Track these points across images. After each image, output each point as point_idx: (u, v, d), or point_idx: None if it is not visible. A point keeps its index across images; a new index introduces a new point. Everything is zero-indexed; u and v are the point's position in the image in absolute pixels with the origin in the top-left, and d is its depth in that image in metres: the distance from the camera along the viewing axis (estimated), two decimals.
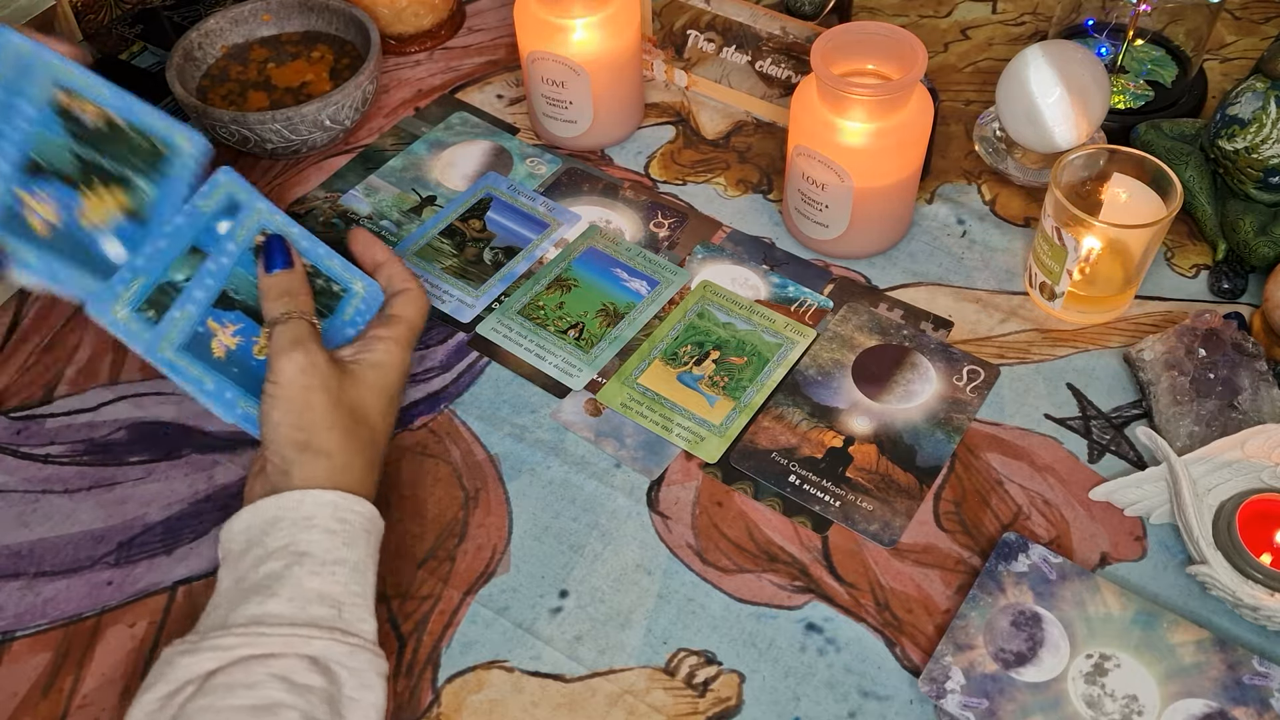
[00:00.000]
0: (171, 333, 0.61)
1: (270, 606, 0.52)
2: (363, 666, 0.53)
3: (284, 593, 0.53)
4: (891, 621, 0.61)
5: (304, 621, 0.52)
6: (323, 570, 0.54)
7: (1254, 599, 0.58)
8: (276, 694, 0.50)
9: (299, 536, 0.54)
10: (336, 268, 0.65)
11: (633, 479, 0.67)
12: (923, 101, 0.72)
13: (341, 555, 0.55)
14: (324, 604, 0.53)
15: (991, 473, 0.67)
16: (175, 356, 0.61)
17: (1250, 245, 0.74)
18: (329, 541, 0.55)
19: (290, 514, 0.55)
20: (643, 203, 0.83)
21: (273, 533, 0.55)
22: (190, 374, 0.61)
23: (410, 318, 0.64)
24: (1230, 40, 0.94)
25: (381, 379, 0.61)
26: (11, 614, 0.62)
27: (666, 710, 0.58)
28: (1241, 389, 0.66)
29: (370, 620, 0.55)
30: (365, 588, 0.55)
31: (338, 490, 0.56)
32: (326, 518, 0.55)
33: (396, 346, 0.62)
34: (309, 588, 0.53)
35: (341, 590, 0.54)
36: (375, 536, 0.57)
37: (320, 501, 0.55)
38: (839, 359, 0.72)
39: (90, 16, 0.94)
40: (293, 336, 0.59)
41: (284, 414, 0.57)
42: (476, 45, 0.97)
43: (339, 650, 0.52)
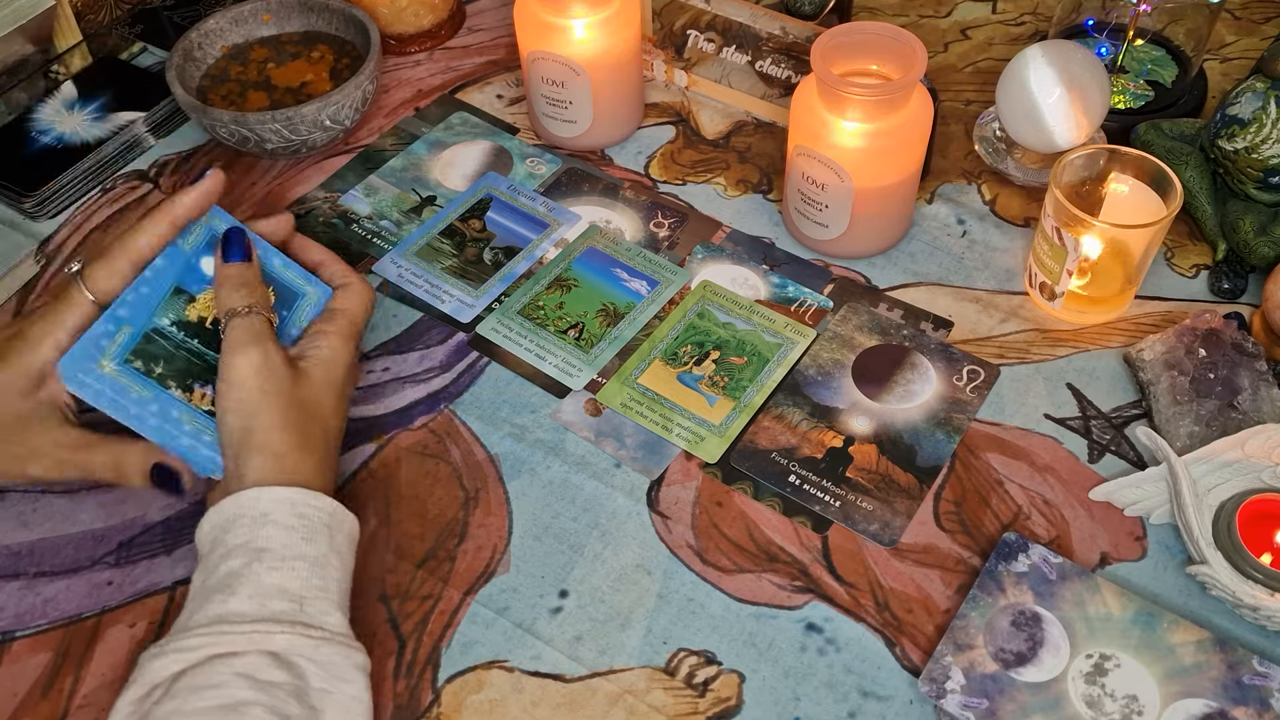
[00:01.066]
0: (110, 349, 0.60)
1: (231, 605, 0.52)
2: (331, 658, 0.53)
3: (244, 590, 0.53)
4: (891, 621, 0.61)
5: (265, 617, 0.52)
6: (282, 565, 0.54)
7: (1254, 599, 0.58)
8: (241, 692, 0.49)
9: (257, 533, 0.54)
10: (291, 276, 0.65)
11: (633, 479, 0.67)
12: (923, 101, 0.72)
13: (301, 550, 0.55)
14: (284, 599, 0.53)
15: (991, 473, 0.67)
16: (117, 373, 0.60)
17: (1250, 245, 0.74)
18: (287, 537, 0.55)
19: (248, 511, 0.55)
20: (643, 203, 0.83)
21: (232, 531, 0.55)
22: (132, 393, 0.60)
23: (351, 309, 0.64)
24: (1230, 40, 0.94)
25: (328, 374, 0.61)
26: (11, 614, 0.62)
27: (666, 710, 0.58)
28: (1241, 389, 0.66)
29: (335, 613, 0.55)
30: (328, 581, 0.55)
31: (293, 486, 0.56)
32: (284, 514, 0.55)
33: (339, 340, 0.62)
34: (268, 583, 0.53)
35: (302, 585, 0.54)
36: (339, 532, 0.57)
37: (276, 498, 0.55)
38: (839, 359, 0.72)
39: (90, 16, 0.94)
40: (250, 332, 0.59)
41: (237, 416, 0.58)
42: (476, 45, 0.97)
43: (302, 644, 0.52)
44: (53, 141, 0.86)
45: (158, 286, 0.61)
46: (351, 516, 0.59)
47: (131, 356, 0.60)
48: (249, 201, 0.84)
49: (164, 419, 0.61)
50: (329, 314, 0.64)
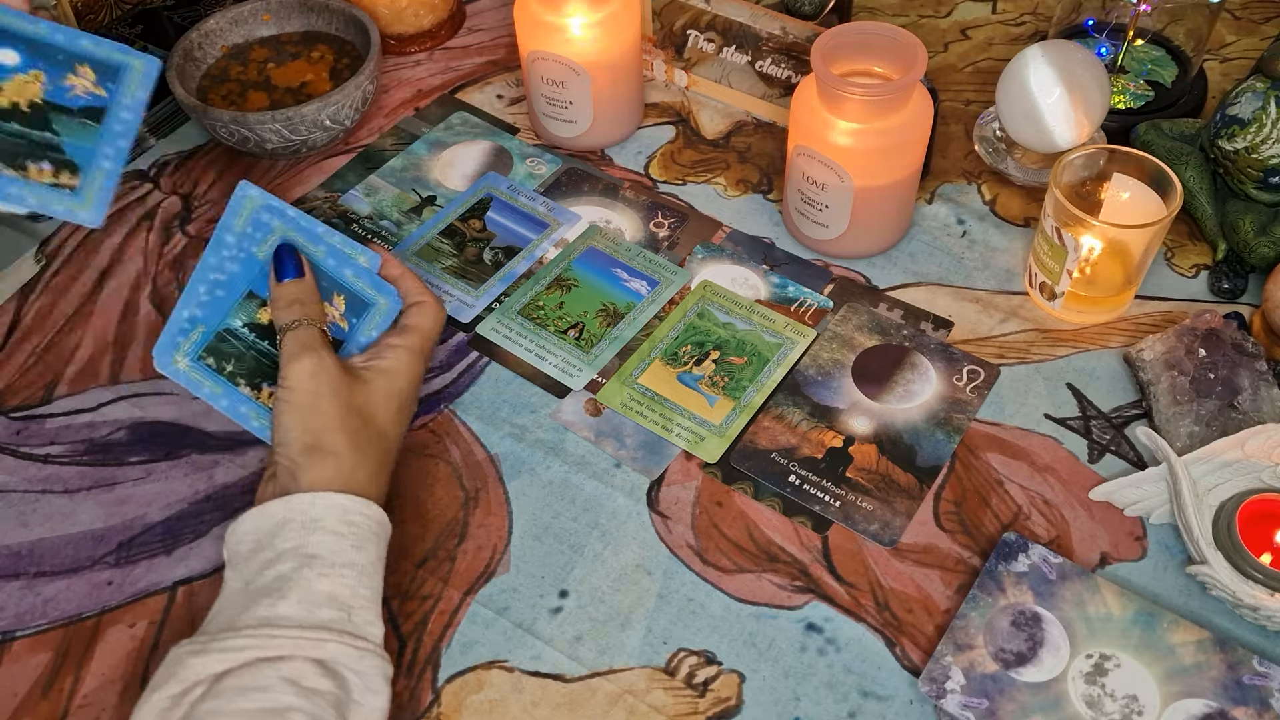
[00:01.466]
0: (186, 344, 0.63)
1: (280, 609, 0.52)
2: (370, 670, 0.53)
3: (293, 595, 0.53)
4: (891, 621, 0.61)
5: (314, 624, 0.52)
6: (331, 573, 0.54)
7: (1254, 599, 0.58)
8: (286, 698, 0.50)
9: (308, 539, 0.54)
10: (362, 285, 0.65)
11: (633, 479, 0.67)
12: (923, 101, 0.72)
13: (350, 558, 0.55)
14: (333, 607, 0.53)
15: (991, 473, 0.67)
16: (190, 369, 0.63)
17: (1250, 245, 0.74)
18: (338, 544, 0.55)
19: (299, 516, 0.55)
20: (643, 203, 0.83)
21: (281, 535, 0.55)
22: (204, 389, 0.64)
23: (424, 328, 0.64)
24: (1230, 40, 0.94)
25: (391, 385, 0.61)
26: (11, 614, 0.62)
27: (666, 710, 0.58)
28: (1241, 389, 0.66)
29: (378, 624, 0.55)
30: (373, 591, 0.56)
31: (346, 493, 0.56)
32: (335, 520, 0.55)
33: (408, 354, 0.62)
34: (318, 590, 0.53)
35: (350, 593, 0.54)
36: (383, 540, 0.58)
37: (329, 504, 0.55)
38: (839, 359, 0.72)
39: (90, 16, 0.94)
40: (303, 342, 0.59)
41: (293, 418, 0.58)
42: (476, 45, 0.97)
43: (348, 654, 0.52)
44: None
45: (232, 290, 0.63)
46: (389, 526, 0.59)
47: (205, 354, 0.63)
48: None
49: (234, 413, 0.63)
50: (401, 329, 0.64)
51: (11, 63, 0.61)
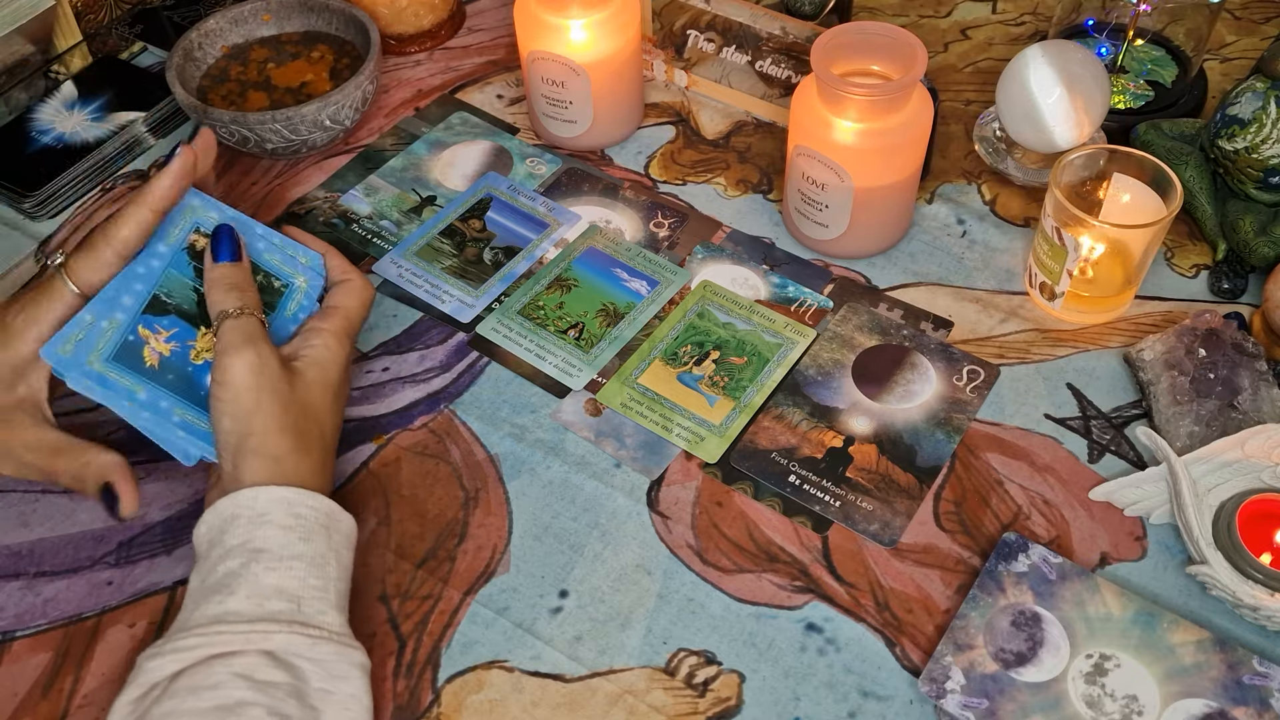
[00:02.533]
0: (100, 343, 0.59)
1: (229, 604, 0.52)
2: (328, 657, 0.53)
3: (242, 590, 0.53)
4: (891, 621, 0.61)
5: (262, 617, 0.52)
6: (279, 565, 0.54)
7: (1254, 599, 0.58)
8: (239, 692, 0.49)
9: (255, 533, 0.54)
10: (276, 262, 0.64)
11: (633, 479, 0.67)
12: (923, 101, 0.72)
13: (298, 550, 0.55)
14: (282, 598, 0.53)
15: (991, 473, 0.67)
16: (104, 368, 0.59)
17: (1250, 245, 0.74)
18: (284, 537, 0.55)
19: (245, 511, 0.55)
20: (643, 203, 0.83)
21: (230, 531, 0.55)
22: (121, 385, 0.59)
23: (349, 307, 0.64)
24: (1230, 40, 0.94)
25: (323, 375, 0.60)
26: (11, 614, 0.62)
27: (666, 710, 0.58)
28: (1241, 389, 0.66)
29: (332, 613, 0.54)
30: (326, 581, 0.55)
31: (291, 486, 0.56)
32: (281, 514, 0.55)
33: (334, 339, 0.62)
34: (266, 583, 0.53)
35: (299, 584, 0.54)
36: (337, 532, 0.57)
37: (274, 498, 0.55)
38: (839, 359, 0.72)
39: (90, 16, 0.94)
40: (244, 334, 0.58)
41: (233, 419, 0.57)
42: (476, 45, 0.97)
43: (300, 643, 0.52)
44: (53, 141, 0.86)
45: (149, 283, 0.61)
46: (349, 517, 0.59)
47: (121, 351, 0.60)
48: (249, 201, 0.84)
49: (154, 409, 0.60)
50: (326, 312, 0.64)
51: None
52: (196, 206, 0.63)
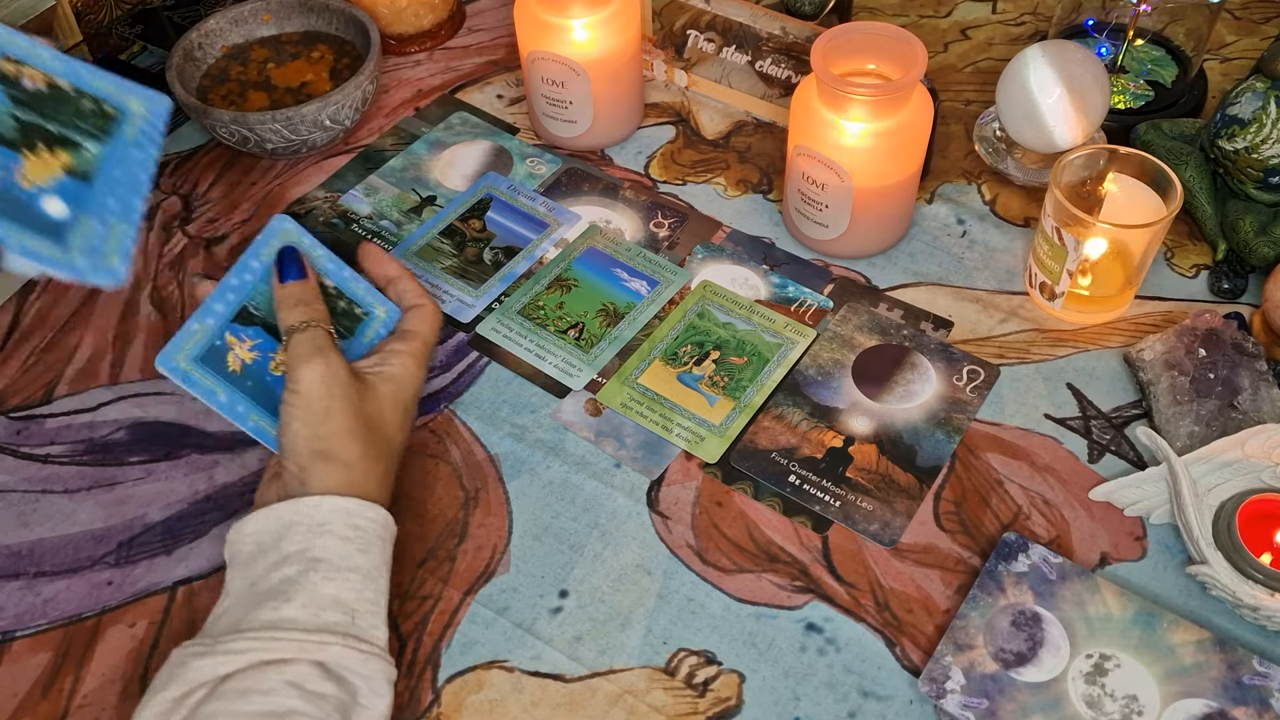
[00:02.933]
0: (188, 344, 0.61)
1: (285, 611, 0.52)
2: (374, 674, 0.53)
3: (299, 598, 0.53)
4: (891, 621, 0.61)
5: (318, 627, 0.52)
6: (337, 576, 0.54)
7: (1254, 599, 0.58)
8: (290, 701, 0.50)
9: (314, 542, 0.54)
10: (360, 291, 0.66)
11: (633, 479, 0.67)
12: (923, 101, 0.72)
13: (356, 562, 0.55)
14: (338, 610, 0.53)
15: (991, 473, 0.67)
16: (190, 367, 0.61)
17: (1250, 245, 0.74)
18: (344, 548, 0.55)
19: (305, 519, 0.55)
20: (643, 203, 0.83)
21: (288, 537, 0.55)
22: (204, 385, 0.62)
23: (424, 333, 0.64)
24: (1230, 40, 0.94)
25: (396, 392, 0.61)
26: (11, 614, 0.62)
27: (666, 710, 0.58)
28: (1241, 389, 0.66)
29: (383, 628, 0.55)
30: (378, 595, 0.56)
31: (353, 497, 0.56)
32: (341, 524, 0.55)
33: (411, 360, 0.62)
34: (324, 594, 0.53)
35: (355, 597, 0.54)
36: (388, 544, 0.58)
37: (335, 508, 0.55)
38: (839, 359, 0.72)
39: (90, 16, 0.94)
40: (313, 345, 0.59)
41: (304, 423, 0.57)
42: (476, 45, 0.97)
43: (352, 658, 0.52)
44: None
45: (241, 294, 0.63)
46: (394, 528, 0.59)
47: (207, 354, 0.62)
48: (249, 201, 0.84)
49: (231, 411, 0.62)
50: (402, 334, 0.64)
51: None
52: (290, 230, 0.65)
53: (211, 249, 0.81)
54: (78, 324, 0.76)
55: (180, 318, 0.76)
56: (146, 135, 0.63)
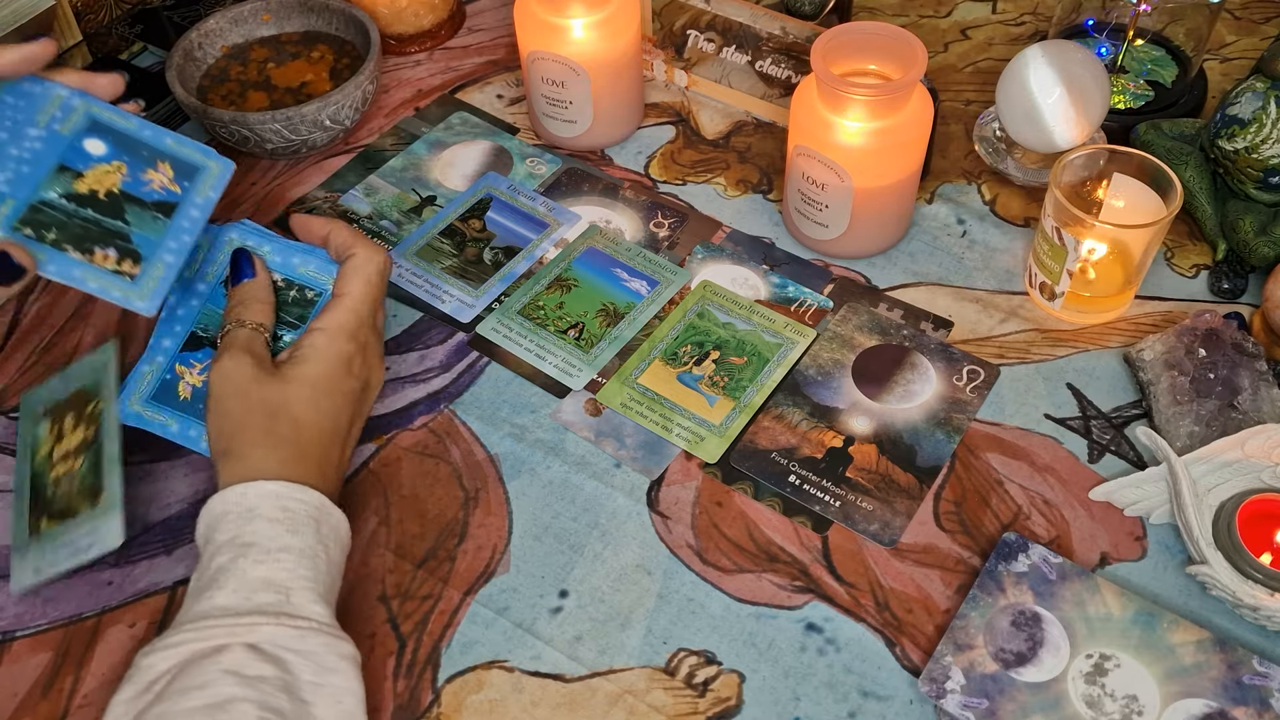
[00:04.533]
0: (140, 387, 0.64)
1: (217, 599, 0.52)
2: (317, 649, 0.52)
3: (229, 584, 0.53)
4: (891, 621, 0.61)
5: (248, 610, 0.52)
6: (267, 558, 0.54)
7: (1254, 599, 0.58)
8: (228, 689, 0.49)
9: (244, 528, 0.55)
10: (310, 272, 0.66)
11: (633, 479, 0.67)
12: (923, 101, 0.72)
13: (286, 542, 0.55)
14: (270, 590, 0.53)
15: (991, 473, 0.67)
16: (141, 408, 0.65)
17: (1250, 245, 0.74)
18: (272, 529, 0.55)
19: (234, 508, 0.55)
20: (643, 203, 0.83)
21: (220, 528, 0.55)
22: (155, 421, 0.65)
23: (352, 294, 0.63)
24: (1230, 40, 0.94)
25: (307, 373, 0.60)
26: (11, 614, 0.62)
27: (666, 710, 0.58)
28: (1241, 389, 0.66)
29: (320, 604, 0.54)
30: (315, 572, 0.55)
31: (280, 480, 0.56)
32: (269, 507, 0.55)
33: (324, 338, 0.62)
34: (253, 576, 0.53)
35: (288, 575, 0.54)
36: (326, 525, 0.57)
37: (262, 492, 0.56)
38: (839, 359, 0.72)
39: (90, 16, 0.94)
40: (225, 345, 0.61)
41: (217, 427, 0.59)
42: (476, 45, 0.97)
43: (286, 635, 0.52)
44: None
45: (38, 166, 0.61)
46: (339, 512, 0.58)
47: (19, 225, 0.60)
48: (249, 201, 0.84)
49: (184, 438, 0.65)
50: (329, 305, 0.64)
51: (98, 153, 0.62)
52: (234, 239, 0.66)
53: None
54: (78, 324, 0.76)
55: None
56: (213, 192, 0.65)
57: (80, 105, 0.62)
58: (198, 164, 0.65)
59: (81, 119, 0.62)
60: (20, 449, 0.67)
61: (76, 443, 0.64)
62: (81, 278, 0.61)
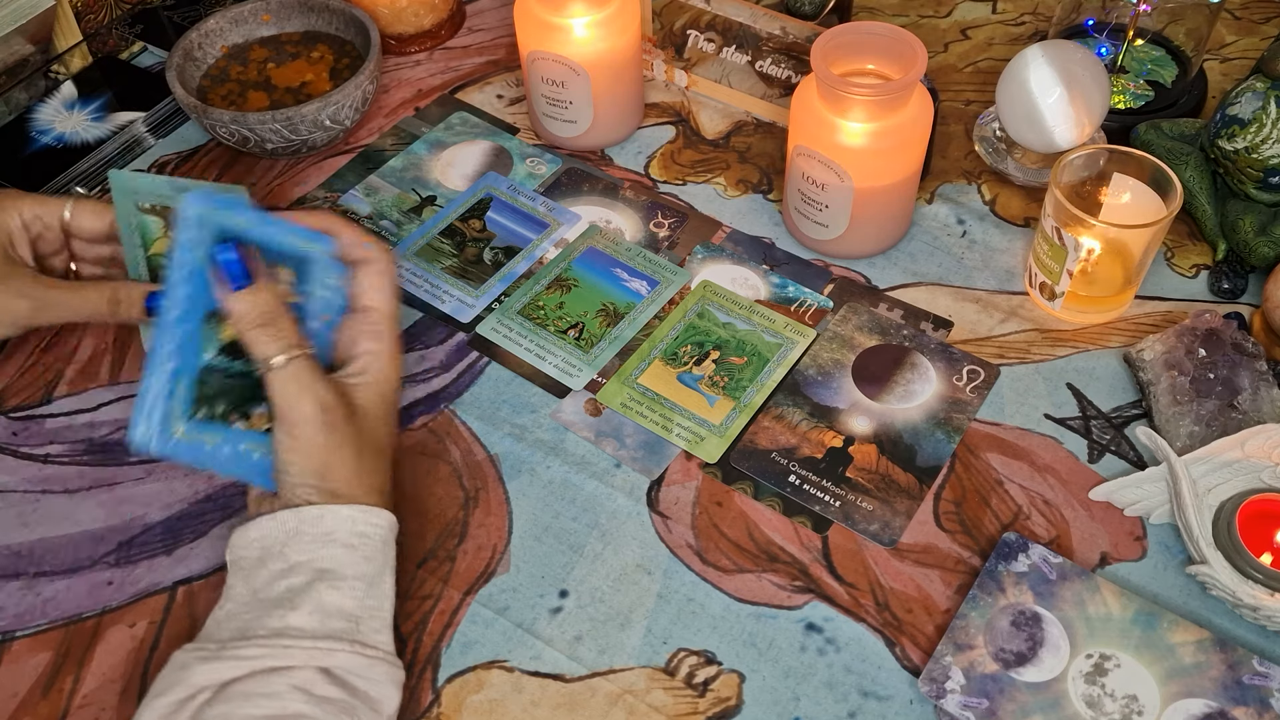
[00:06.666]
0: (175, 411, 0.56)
1: (292, 620, 0.53)
2: (380, 678, 0.54)
3: (305, 606, 0.53)
4: (891, 621, 0.61)
5: (325, 634, 0.53)
6: (343, 585, 0.54)
7: (1254, 599, 0.58)
8: (296, 705, 0.50)
9: (319, 552, 0.55)
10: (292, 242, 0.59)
11: (633, 479, 0.67)
12: (923, 101, 0.72)
13: (361, 570, 0.55)
14: (343, 618, 0.54)
15: (991, 473, 0.67)
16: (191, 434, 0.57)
17: (1250, 245, 0.74)
18: (349, 556, 0.55)
19: (310, 529, 0.55)
20: (643, 203, 0.83)
21: (293, 545, 0.55)
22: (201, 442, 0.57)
23: (383, 303, 0.60)
24: (1230, 40, 0.94)
25: (379, 395, 0.59)
26: (11, 614, 0.62)
27: (666, 710, 0.58)
28: (1241, 389, 0.66)
29: (386, 632, 0.55)
30: (382, 600, 0.56)
31: (356, 504, 0.56)
32: (346, 533, 0.55)
33: (384, 354, 0.59)
34: (329, 602, 0.54)
35: (358, 605, 0.55)
36: (391, 544, 0.58)
37: (340, 517, 0.55)
38: (839, 359, 0.72)
39: (90, 16, 0.94)
40: (299, 384, 0.55)
41: (303, 469, 0.56)
42: (476, 45, 0.97)
43: (357, 663, 0.53)
44: (53, 141, 0.86)
45: (192, 318, 0.56)
46: (396, 529, 0.59)
47: (193, 408, 0.57)
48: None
49: (234, 456, 0.57)
50: (363, 317, 0.59)
51: None
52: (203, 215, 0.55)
53: None
54: (78, 324, 0.76)
55: None
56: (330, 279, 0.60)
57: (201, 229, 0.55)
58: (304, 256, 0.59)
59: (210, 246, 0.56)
60: (125, 231, 0.63)
61: None
62: (248, 451, 0.57)
